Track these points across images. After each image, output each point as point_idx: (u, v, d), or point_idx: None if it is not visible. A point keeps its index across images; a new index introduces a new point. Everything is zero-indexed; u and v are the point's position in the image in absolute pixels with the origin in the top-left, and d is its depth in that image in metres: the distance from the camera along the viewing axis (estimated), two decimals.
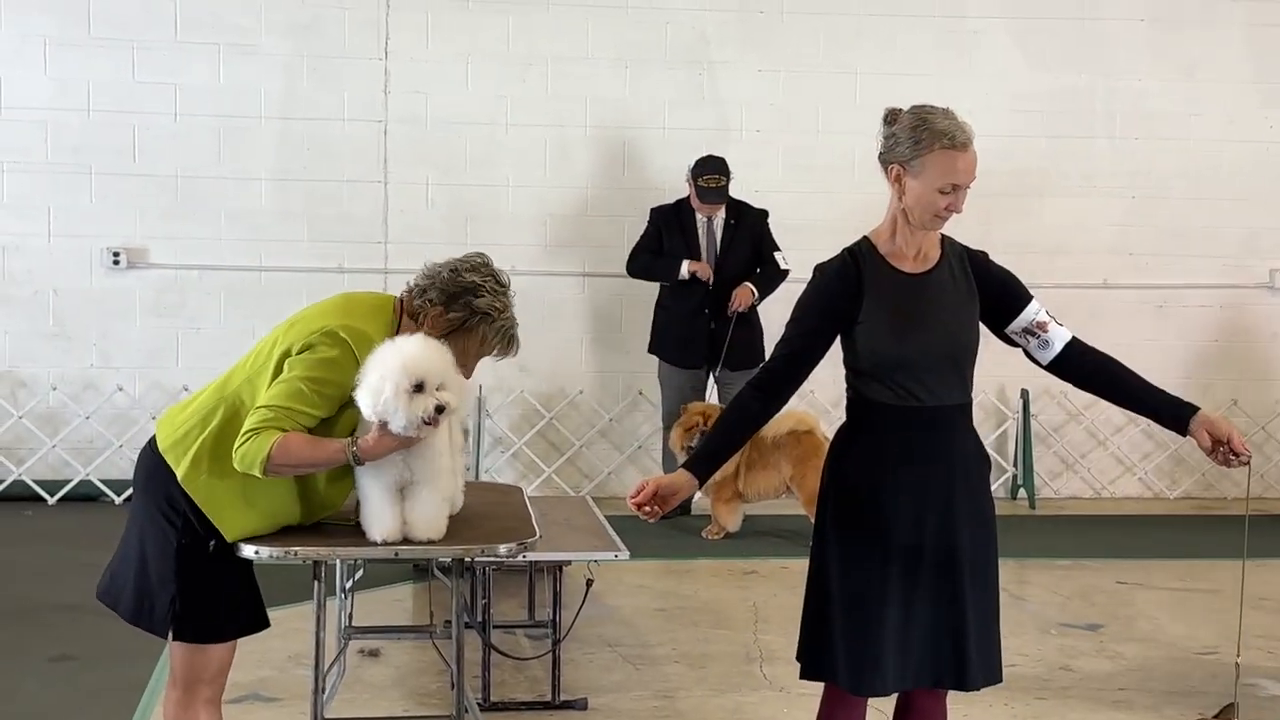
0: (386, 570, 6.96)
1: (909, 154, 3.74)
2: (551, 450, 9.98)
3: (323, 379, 3.54)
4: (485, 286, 3.77)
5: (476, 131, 9.82)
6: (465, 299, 3.73)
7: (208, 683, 3.67)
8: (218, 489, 3.56)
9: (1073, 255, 10.29)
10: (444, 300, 3.73)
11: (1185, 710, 5.41)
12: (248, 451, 3.48)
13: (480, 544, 3.83)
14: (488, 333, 3.77)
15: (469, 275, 3.77)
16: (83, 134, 9.44)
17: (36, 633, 6.20)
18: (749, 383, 3.72)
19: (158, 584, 3.59)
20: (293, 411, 3.51)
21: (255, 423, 3.49)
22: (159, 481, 3.61)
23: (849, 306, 3.68)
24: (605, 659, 5.97)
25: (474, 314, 3.74)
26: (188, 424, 3.62)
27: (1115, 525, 9.49)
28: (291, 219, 9.58)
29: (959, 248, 3.87)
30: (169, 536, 3.57)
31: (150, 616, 3.61)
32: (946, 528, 3.65)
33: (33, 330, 9.50)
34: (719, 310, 8.93)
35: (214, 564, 3.60)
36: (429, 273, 3.79)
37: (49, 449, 9.38)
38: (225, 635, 3.68)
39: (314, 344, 3.56)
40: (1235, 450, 3.69)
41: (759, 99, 10.04)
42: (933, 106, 3.76)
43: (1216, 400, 10.45)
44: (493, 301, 3.77)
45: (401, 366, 3.51)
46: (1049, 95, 10.25)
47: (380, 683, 5.60)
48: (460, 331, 3.73)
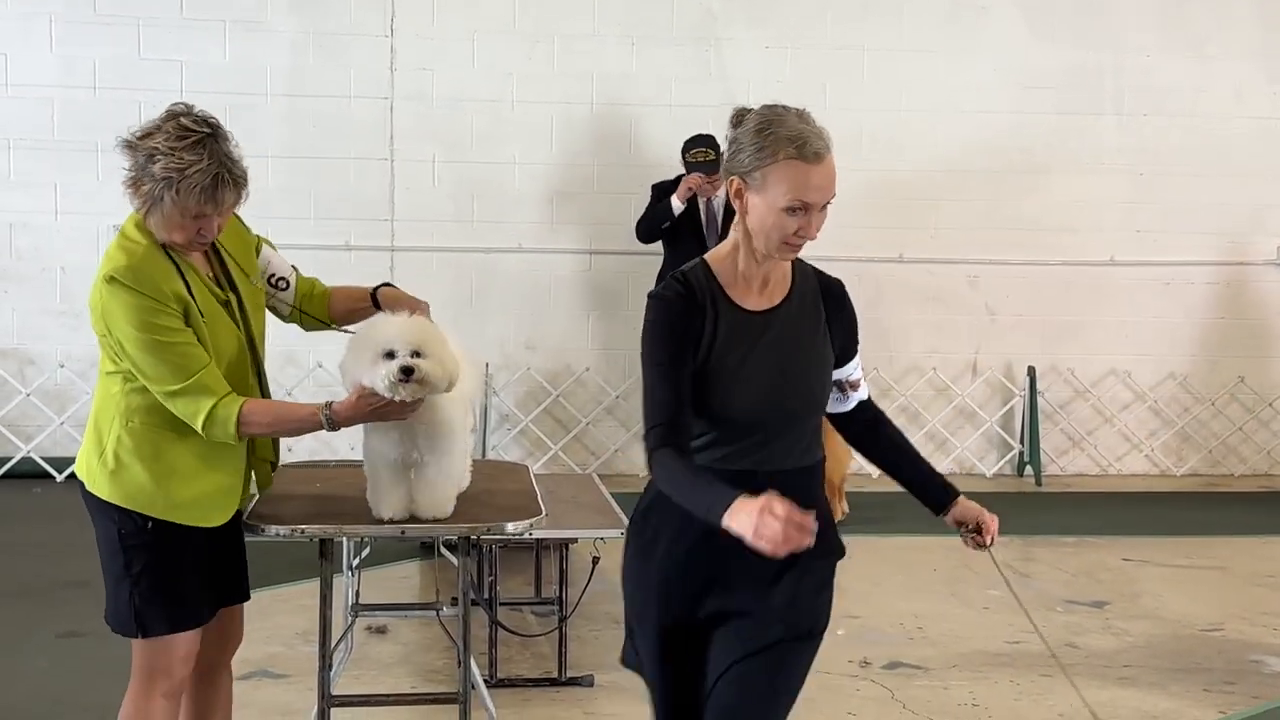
0: (393, 548, 6.98)
1: (751, 164, 2.98)
2: (558, 427, 10.00)
3: (147, 321, 3.37)
4: (161, 149, 3.36)
5: (482, 108, 9.81)
6: (147, 169, 3.38)
7: (166, 674, 3.57)
8: (144, 483, 3.46)
9: (1080, 232, 10.27)
10: (133, 175, 3.42)
11: (1190, 686, 5.42)
12: (211, 430, 3.41)
13: (487, 522, 3.84)
14: (179, 196, 3.36)
15: (144, 142, 3.40)
16: (89, 112, 9.44)
17: (45, 610, 6.22)
18: (663, 450, 2.95)
19: (115, 583, 3.54)
20: (179, 365, 3.37)
21: (189, 408, 3.40)
22: (95, 504, 3.54)
23: (700, 329, 3.04)
24: (612, 636, 5.98)
25: (156, 181, 3.36)
26: (88, 441, 3.55)
27: (1121, 502, 9.50)
28: (298, 196, 9.57)
29: (813, 278, 3.22)
30: (111, 532, 3.52)
31: (119, 617, 3.55)
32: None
33: (40, 307, 9.51)
34: None
35: (160, 548, 3.50)
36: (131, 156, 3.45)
37: (57, 426, 9.40)
38: (199, 618, 3.59)
39: (110, 309, 3.39)
40: (981, 534, 3.16)
41: (765, 75, 10.00)
42: (785, 107, 3.02)
43: (1224, 378, 10.46)
44: (171, 161, 3.35)
45: (373, 337, 3.57)
46: (1057, 72, 10.21)
47: (387, 660, 5.62)
48: (154, 205, 3.40)
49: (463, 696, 3.98)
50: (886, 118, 10.04)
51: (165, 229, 3.44)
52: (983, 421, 10.17)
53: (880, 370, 10.05)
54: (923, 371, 10.17)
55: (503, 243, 9.82)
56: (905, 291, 10.16)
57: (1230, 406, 10.50)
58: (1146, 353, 10.41)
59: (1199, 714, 5.12)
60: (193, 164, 3.37)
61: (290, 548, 4.18)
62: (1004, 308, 10.30)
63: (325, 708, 3.95)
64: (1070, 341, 10.35)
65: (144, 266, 3.42)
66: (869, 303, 10.05)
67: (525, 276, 9.90)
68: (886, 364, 10.09)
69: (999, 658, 5.76)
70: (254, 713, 4.94)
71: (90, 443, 3.54)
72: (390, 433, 3.69)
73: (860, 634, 6.08)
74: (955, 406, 10.14)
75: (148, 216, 3.44)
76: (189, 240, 3.48)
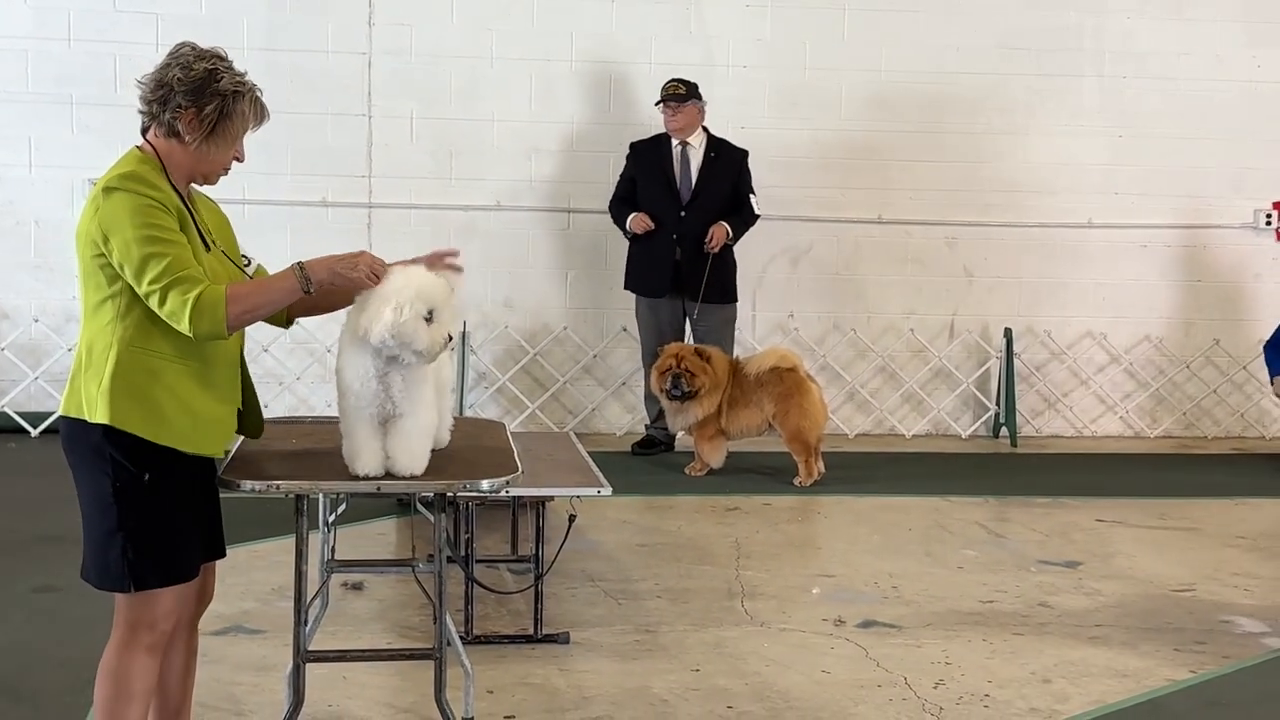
0: (369, 505, 6.98)
1: None
2: (535, 386, 9.99)
3: (147, 220, 3.38)
4: (219, 68, 3.55)
5: (461, 65, 9.75)
6: (210, 88, 3.51)
7: (150, 628, 3.55)
8: (146, 405, 3.44)
9: (1058, 194, 10.29)
10: (192, 100, 3.51)
11: (1161, 646, 5.46)
12: (199, 322, 3.37)
13: (463, 479, 3.84)
14: (245, 109, 3.57)
15: (199, 65, 3.54)
16: (64, 64, 9.35)
17: (20, 564, 6.21)
18: None
19: (105, 538, 3.50)
20: (173, 260, 3.37)
21: (177, 300, 3.37)
22: (81, 442, 3.50)
23: None
24: (588, 594, 6.00)
25: (225, 97, 3.53)
26: (79, 377, 3.50)
27: (1096, 464, 9.55)
28: (274, 152, 9.49)
29: None
30: (103, 485, 3.48)
31: (108, 573, 3.51)
32: None
33: (15, 262, 9.45)
34: (687, 239, 8.90)
35: (155, 500, 3.50)
36: (152, 93, 3.55)
37: (31, 381, 9.36)
38: (189, 572, 3.59)
39: (111, 215, 3.39)
40: None
41: (746, 34, 9.97)
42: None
43: (1199, 341, 10.51)
44: (233, 77, 3.56)
45: (417, 293, 3.61)
46: (1037, 33, 10.20)
47: (363, 616, 5.63)
48: (222, 121, 3.53)
49: (438, 652, 3.99)
50: (866, 77, 10.02)
51: (223, 147, 3.57)
52: (959, 383, 10.19)
53: (858, 331, 10.06)
54: (900, 332, 10.19)
55: (481, 200, 9.79)
56: (883, 252, 10.16)
57: (1205, 369, 10.55)
58: (1122, 315, 10.45)
59: (1169, 673, 5.16)
60: (247, 78, 3.60)
61: (266, 504, 4.18)
62: (982, 269, 10.31)
63: (300, 663, 3.96)
64: (1047, 303, 10.38)
65: (146, 176, 3.46)
66: (846, 263, 10.07)
67: (503, 234, 9.87)
68: (864, 324, 10.10)
69: (972, 617, 5.80)
70: (229, 668, 4.95)
71: (86, 374, 3.47)
72: (370, 384, 3.69)
73: (835, 593, 6.11)
74: (932, 367, 10.16)
75: (205, 143, 3.53)
76: (228, 164, 3.63)
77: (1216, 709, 4.87)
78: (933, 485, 8.36)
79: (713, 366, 8.40)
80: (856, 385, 10.15)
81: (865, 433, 10.19)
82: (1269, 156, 10.40)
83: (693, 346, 8.56)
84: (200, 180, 3.63)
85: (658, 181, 8.98)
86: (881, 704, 4.77)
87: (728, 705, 4.72)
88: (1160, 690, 5.00)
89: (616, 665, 5.11)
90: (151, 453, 3.47)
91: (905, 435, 10.13)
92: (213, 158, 3.57)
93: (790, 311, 10.02)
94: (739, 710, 4.68)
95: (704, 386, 8.35)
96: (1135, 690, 4.98)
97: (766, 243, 9.88)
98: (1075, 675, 5.10)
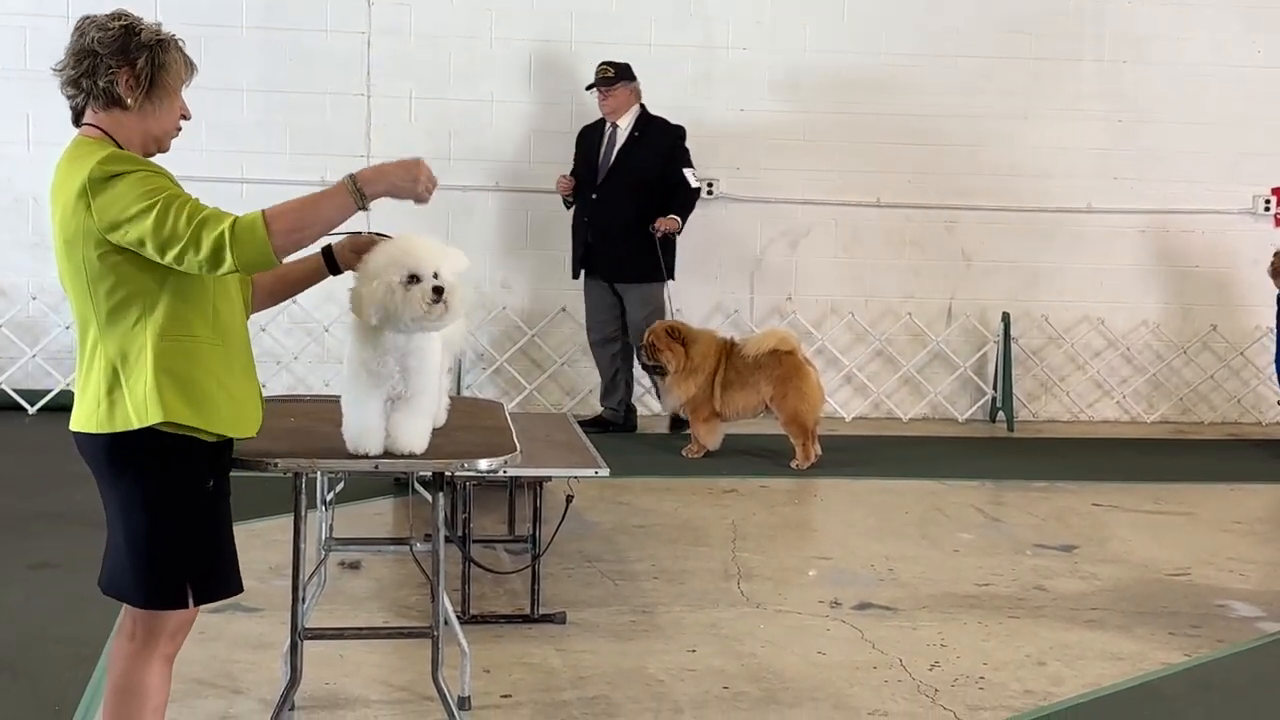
0: (367, 484, 6.98)
1: None
2: (533, 367, 10.00)
3: (147, 188, 3.18)
4: (134, 23, 3.36)
5: (460, 45, 9.74)
6: (133, 42, 3.33)
7: (172, 638, 3.39)
8: (191, 392, 3.23)
9: (1057, 178, 10.28)
10: (122, 57, 3.32)
11: (1156, 630, 5.48)
12: (242, 251, 3.15)
13: (461, 459, 3.83)
14: (175, 57, 3.36)
15: (113, 24, 3.35)
16: (62, 41, 9.17)
17: (18, 541, 6.21)
18: None
19: (161, 553, 3.27)
20: (191, 205, 3.20)
21: (211, 236, 3.15)
22: (133, 451, 3.24)
23: None
24: (584, 574, 6.01)
25: (150, 48, 3.32)
26: (118, 389, 3.24)
27: (1092, 448, 9.56)
28: (273, 131, 9.50)
29: None
30: (160, 495, 3.26)
31: (159, 591, 3.29)
32: None
33: (12, 239, 9.44)
34: (597, 220, 8.99)
35: (219, 507, 3.34)
36: (76, 67, 3.38)
37: (29, 358, 9.36)
38: (241, 581, 3.43)
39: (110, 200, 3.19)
40: None
41: (746, 16, 9.95)
42: None
43: (1196, 326, 10.52)
44: (150, 29, 3.36)
45: (390, 261, 3.54)
46: (1037, 16, 10.19)
47: (360, 594, 5.64)
48: (158, 73, 3.32)
49: (435, 631, 3.99)
50: (866, 60, 10.00)
51: (166, 102, 3.36)
52: (957, 366, 10.20)
53: (856, 314, 10.06)
54: (898, 316, 10.19)
55: (480, 181, 9.78)
56: (882, 236, 10.15)
57: (1202, 355, 10.56)
58: (1120, 300, 10.46)
59: (1164, 657, 5.18)
60: (163, 28, 3.40)
61: (264, 482, 4.17)
62: (980, 253, 10.31)
63: (298, 640, 3.96)
64: (1045, 288, 10.39)
65: (117, 154, 3.29)
66: (845, 246, 10.06)
67: (502, 215, 9.87)
68: (862, 308, 10.11)
69: (968, 599, 5.81)
70: (226, 645, 4.96)
71: (129, 383, 3.22)
72: (388, 363, 3.65)
73: (831, 575, 6.13)
74: (930, 351, 10.17)
75: (148, 101, 3.34)
76: (177, 122, 3.42)
77: (1211, 692, 4.88)
78: (929, 468, 8.38)
79: (687, 347, 8.41)
80: (854, 368, 10.16)
81: (862, 416, 10.20)
82: (1268, 142, 10.40)
83: (668, 324, 8.59)
84: (155, 148, 3.41)
85: (586, 164, 9.11)
86: (877, 685, 4.78)
87: (724, 685, 4.73)
88: (1155, 673, 5.01)
89: (613, 645, 5.12)
90: (207, 453, 3.31)
91: (902, 419, 10.14)
92: (160, 116, 3.36)
93: (788, 294, 10.02)
94: (735, 690, 4.69)
95: (669, 363, 8.38)
96: (1130, 673, 4.99)
97: (765, 226, 9.89)
98: (1070, 658, 5.11)
